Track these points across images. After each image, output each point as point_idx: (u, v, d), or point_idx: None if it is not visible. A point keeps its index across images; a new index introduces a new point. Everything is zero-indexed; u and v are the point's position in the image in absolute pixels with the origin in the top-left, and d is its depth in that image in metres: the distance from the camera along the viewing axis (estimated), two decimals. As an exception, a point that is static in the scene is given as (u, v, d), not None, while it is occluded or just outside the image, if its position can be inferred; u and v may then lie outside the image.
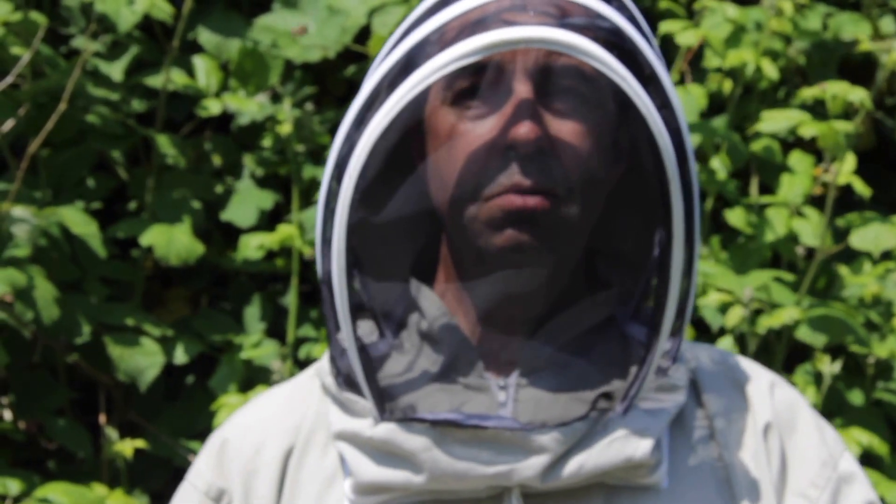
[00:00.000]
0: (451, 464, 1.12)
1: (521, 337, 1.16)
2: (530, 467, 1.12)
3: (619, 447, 1.12)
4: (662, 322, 1.13)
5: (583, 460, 1.12)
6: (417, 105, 1.13)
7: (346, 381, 1.17)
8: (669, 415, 1.15)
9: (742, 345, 2.21)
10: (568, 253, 1.15)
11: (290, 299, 2.28)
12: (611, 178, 1.16)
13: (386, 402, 1.15)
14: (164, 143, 2.31)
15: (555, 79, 1.13)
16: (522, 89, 1.12)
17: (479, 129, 1.13)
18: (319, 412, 1.20)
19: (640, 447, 1.12)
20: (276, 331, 2.35)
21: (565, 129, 1.13)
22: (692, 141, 2.31)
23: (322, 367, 1.21)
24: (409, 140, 1.17)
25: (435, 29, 1.12)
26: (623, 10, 1.16)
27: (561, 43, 1.09)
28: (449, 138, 1.14)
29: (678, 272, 1.13)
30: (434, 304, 1.18)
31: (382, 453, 1.14)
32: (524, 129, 1.11)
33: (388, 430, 1.14)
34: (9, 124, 2.24)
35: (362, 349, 1.15)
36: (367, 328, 1.18)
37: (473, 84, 1.13)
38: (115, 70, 2.33)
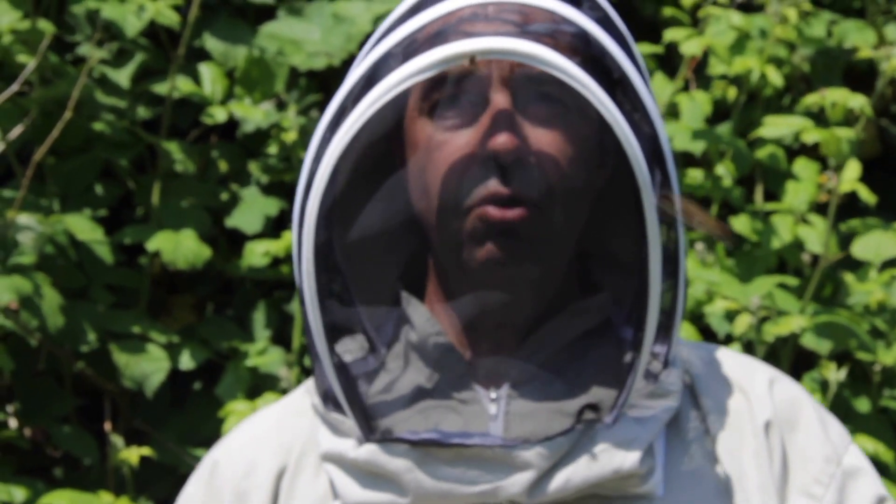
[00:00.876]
0: (434, 485, 1.10)
1: (510, 348, 1.15)
2: (515, 484, 1.10)
3: (607, 459, 1.11)
4: (645, 326, 1.12)
5: (569, 474, 1.10)
6: (380, 120, 1.11)
7: (332, 401, 1.15)
8: (660, 422, 1.13)
9: (750, 352, 2.21)
10: (553, 262, 1.14)
11: (296, 306, 2.28)
12: (592, 184, 1.15)
13: (371, 420, 1.13)
14: (174, 150, 2.31)
15: (531, 86, 1.11)
16: (499, 99, 1.11)
17: (457, 139, 1.12)
18: (312, 431, 1.19)
19: (629, 458, 1.11)
20: (280, 338, 2.35)
21: (544, 137, 1.11)
22: (697, 148, 2.32)
23: (312, 385, 1.19)
24: (381, 153, 1.15)
25: (397, 42, 1.11)
26: (595, 10, 1.13)
27: (517, 53, 1.08)
28: (427, 150, 1.12)
29: (657, 275, 1.11)
30: (423, 316, 1.16)
31: (367, 475, 1.13)
32: (502, 139, 1.10)
33: (370, 452, 1.12)
34: (15, 132, 2.24)
35: (343, 368, 1.13)
36: (358, 344, 1.16)
37: (450, 94, 1.12)
38: (122, 77, 2.34)
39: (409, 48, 1.11)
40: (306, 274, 1.12)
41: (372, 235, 1.15)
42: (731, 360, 1.21)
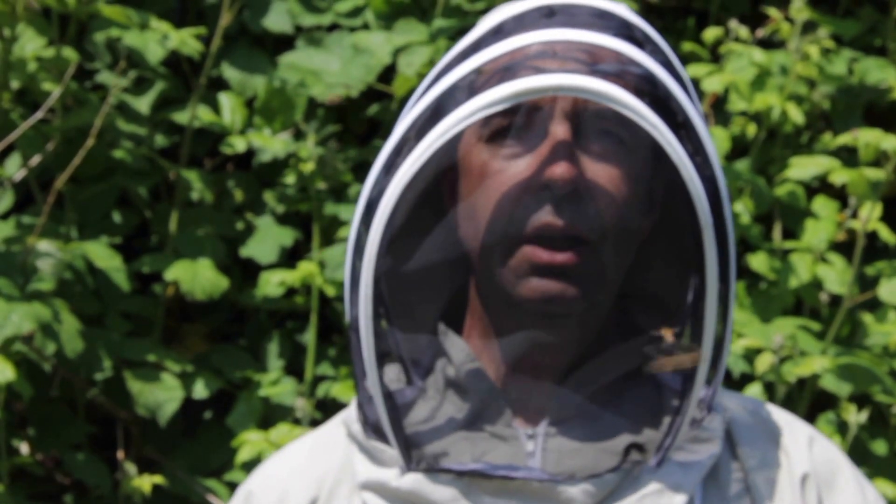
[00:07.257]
0: None
1: (550, 385, 1.15)
2: None
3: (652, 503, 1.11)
4: (697, 371, 1.11)
5: None
6: (445, 152, 1.12)
7: (374, 429, 1.16)
8: (704, 468, 1.13)
9: (770, 392, 2.18)
10: (598, 300, 1.13)
11: (309, 337, 2.28)
12: (644, 224, 1.15)
13: (412, 450, 1.14)
14: (194, 179, 2.32)
15: (592, 121, 1.11)
16: (560, 130, 1.11)
17: (514, 167, 1.12)
18: (344, 462, 1.19)
19: None
20: (293, 368, 2.34)
21: (601, 172, 1.11)
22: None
23: (349, 415, 1.20)
24: (439, 186, 1.16)
25: (464, 75, 1.11)
26: (657, 53, 1.14)
27: (590, 91, 1.08)
28: (484, 176, 1.13)
29: (712, 320, 1.11)
30: (462, 350, 1.16)
31: None
32: (560, 170, 1.09)
33: (414, 481, 1.12)
34: (36, 158, 2.25)
35: (388, 396, 1.14)
36: (395, 374, 1.17)
37: (511, 123, 1.12)
38: (143, 104, 2.34)
39: (477, 82, 1.11)
40: (364, 300, 1.12)
41: (422, 268, 1.15)
42: (774, 414, 1.21)
